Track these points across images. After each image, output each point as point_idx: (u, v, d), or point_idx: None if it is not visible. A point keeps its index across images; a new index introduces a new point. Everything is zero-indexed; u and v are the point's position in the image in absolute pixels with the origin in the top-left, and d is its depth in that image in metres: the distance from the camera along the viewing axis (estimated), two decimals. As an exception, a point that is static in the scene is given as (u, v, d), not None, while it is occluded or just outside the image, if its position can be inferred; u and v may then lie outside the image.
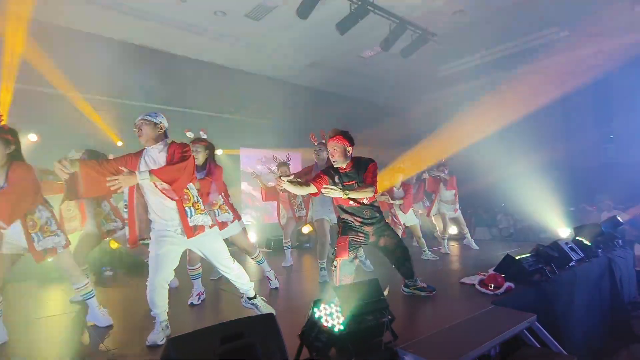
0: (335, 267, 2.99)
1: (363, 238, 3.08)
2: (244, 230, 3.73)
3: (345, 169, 3.03)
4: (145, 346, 2.32)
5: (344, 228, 3.09)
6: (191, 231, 2.46)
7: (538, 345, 2.61)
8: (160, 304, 2.44)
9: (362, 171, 3.01)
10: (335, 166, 3.03)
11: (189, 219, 2.45)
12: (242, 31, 6.99)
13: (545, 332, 2.64)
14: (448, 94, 10.26)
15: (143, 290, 3.87)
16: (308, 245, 6.72)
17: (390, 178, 5.32)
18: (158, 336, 2.35)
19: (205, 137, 3.47)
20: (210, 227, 2.59)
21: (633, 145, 7.97)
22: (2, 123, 2.52)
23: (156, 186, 2.36)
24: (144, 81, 7.10)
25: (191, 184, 2.54)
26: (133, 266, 4.91)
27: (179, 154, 2.42)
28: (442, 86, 9.92)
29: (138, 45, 7.10)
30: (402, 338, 2.12)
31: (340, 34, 6.25)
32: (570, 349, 2.86)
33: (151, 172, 2.27)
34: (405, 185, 5.34)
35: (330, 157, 3.00)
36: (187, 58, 7.70)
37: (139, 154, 2.53)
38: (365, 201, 3.05)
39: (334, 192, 2.82)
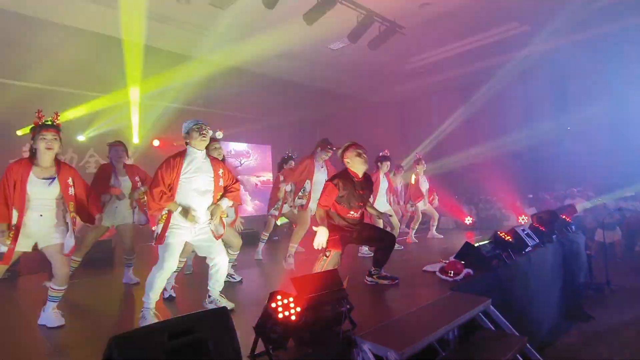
0: (326, 257, 3.09)
1: (349, 235, 3.23)
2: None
3: (360, 179, 3.24)
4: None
5: (332, 227, 3.17)
6: (219, 234, 2.77)
7: (493, 328, 2.73)
8: (159, 290, 2.55)
9: (370, 185, 3.34)
10: (360, 175, 3.23)
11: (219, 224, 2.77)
12: (206, 20, 6.79)
13: (499, 315, 2.76)
14: (415, 86, 10.44)
15: (101, 287, 3.79)
16: (276, 238, 6.70)
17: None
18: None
19: (221, 137, 3.46)
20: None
21: (588, 137, 8.42)
22: (57, 122, 2.67)
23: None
24: (104, 71, 6.80)
25: None
26: (91, 262, 4.71)
27: (232, 177, 2.89)
28: (410, 79, 10.07)
29: (96, 33, 6.76)
30: (362, 326, 2.15)
31: (307, 25, 6.20)
32: (524, 329, 3.01)
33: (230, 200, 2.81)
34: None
35: (364, 166, 3.20)
36: (148, 47, 7.40)
37: (181, 154, 2.69)
38: (360, 214, 3.28)
39: None
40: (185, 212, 2.56)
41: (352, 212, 3.16)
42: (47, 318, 2.62)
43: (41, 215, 2.58)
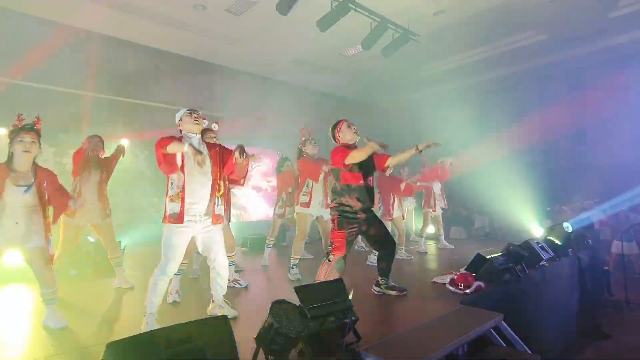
0: (329, 262, 3.01)
1: (357, 229, 3.11)
2: (228, 225, 3.65)
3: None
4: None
5: (339, 219, 3.10)
6: (216, 219, 2.66)
7: (504, 345, 2.63)
8: (161, 293, 2.53)
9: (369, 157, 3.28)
10: (353, 141, 3.29)
11: (216, 207, 2.66)
12: (222, 26, 6.87)
13: (511, 332, 2.65)
14: (429, 94, 10.34)
15: (108, 289, 3.79)
16: (284, 244, 6.66)
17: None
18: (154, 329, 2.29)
19: (217, 129, 3.43)
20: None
21: (606, 147, 8.19)
22: (38, 126, 2.64)
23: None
24: (118, 75, 6.92)
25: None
26: (99, 264, 4.74)
27: (230, 154, 2.71)
28: (424, 86, 10.00)
29: (110, 37, 6.90)
30: (367, 339, 2.09)
31: (321, 31, 6.20)
32: (537, 347, 2.89)
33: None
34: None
35: (356, 136, 3.27)
36: (165, 52, 7.53)
37: (179, 139, 2.62)
38: (370, 182, 3.20)
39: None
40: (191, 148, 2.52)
41: (363, 179, 3.12)
42: (50, 319, 2.64)
43: (17, 222, 2.53)
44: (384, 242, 3.23)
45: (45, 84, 6.17)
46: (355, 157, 3.01)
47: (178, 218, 2.50)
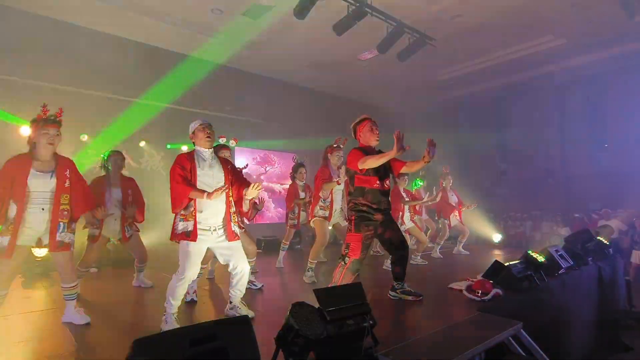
0: (344, 264, 3.01)
1: (372, 232, 3.09)
2: (246, 230, 3.68)
3: (374, 151, 3.25)
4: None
5: (356, 221, 3.08)
6: (232, 235, 2.70)
7: (523, 354, 2.58)
8: (180, 296, 2.56)
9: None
10: (373, 145, 3.23)
11: (231, 224, 2.71)
12: (238, 30, 6.95)
13: (531, 341, 2.60)
14: (445, 99, 10.27)
15: (127, 287, 3.86)
16: (299, 247, 6.67)
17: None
18: (173, 327, 2.35)
19: (234, 145, 3.46)
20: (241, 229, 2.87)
21: (627, 154, 8.00)
22: (60, 119, 2.70)
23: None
24: (137, 77, 7.05)
25: None
26: (119, 263, 4.84)
27: (242, 177, 2.88)
28: (439, 91, 9.93)
29: (132, 41, 7.05)
30: (384, 344, 2.08)
31: (337, 35, 6.23)
32: (556, 357, 2.83)
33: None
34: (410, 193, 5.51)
35: (375, 142, 3.23)
36: (182, 55, 7.65)
37: (191, 155, 2.71)
38: (386, 185, 3.19)
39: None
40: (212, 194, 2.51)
41: (378, 182, 3.08)
42: (71, 316, 2.68)
43: (43, 209, 2.56)
44: (398, 246, 3.20)
45: (64, 85, 6.31)
46: (370, 164, 2.97)
47: (191, 236, 2.53)
